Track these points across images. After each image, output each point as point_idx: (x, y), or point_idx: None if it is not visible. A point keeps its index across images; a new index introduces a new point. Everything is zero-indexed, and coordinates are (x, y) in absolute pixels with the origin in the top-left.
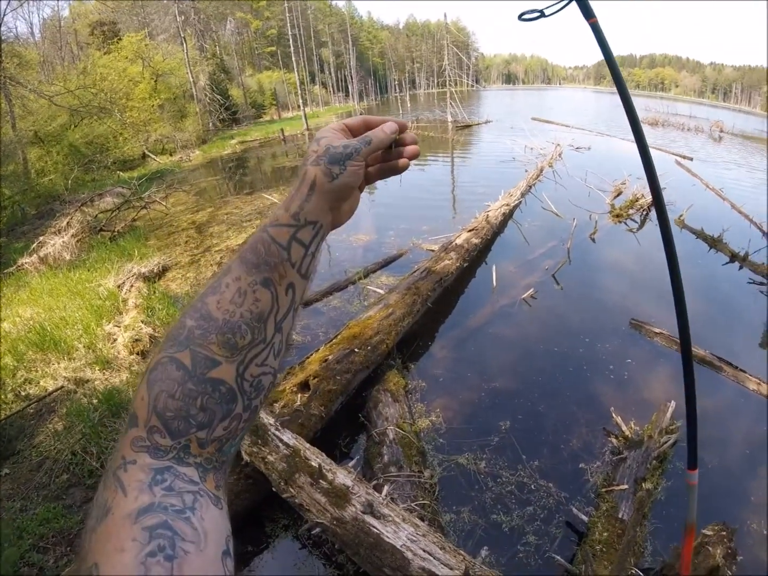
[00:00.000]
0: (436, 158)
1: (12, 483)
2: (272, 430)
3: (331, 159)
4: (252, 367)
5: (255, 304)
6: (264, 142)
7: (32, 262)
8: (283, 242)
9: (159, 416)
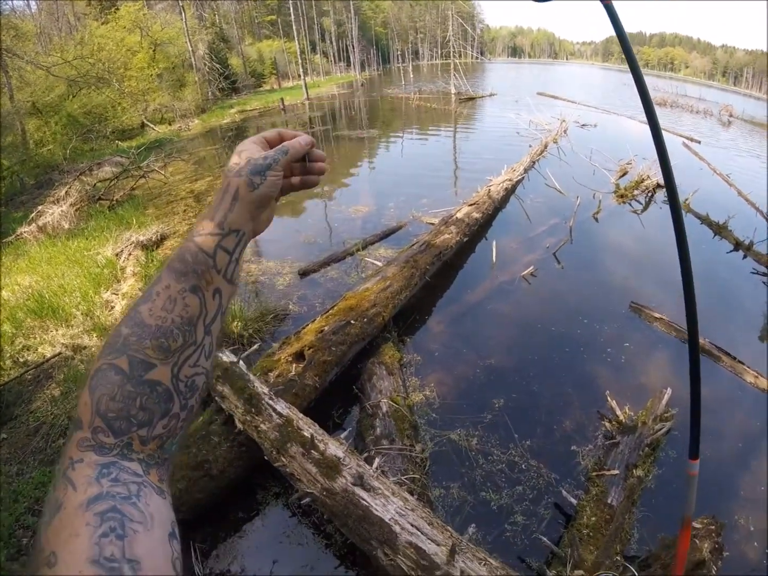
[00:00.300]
0: (438, 131)
1: (9, 447)
2: (266, 400)
3: (253, 170)
4: (185, 368)
5: (185, 309)
6: (264, 111)
7: (31, 231)
8: (209, 250)
9: (102, 417)
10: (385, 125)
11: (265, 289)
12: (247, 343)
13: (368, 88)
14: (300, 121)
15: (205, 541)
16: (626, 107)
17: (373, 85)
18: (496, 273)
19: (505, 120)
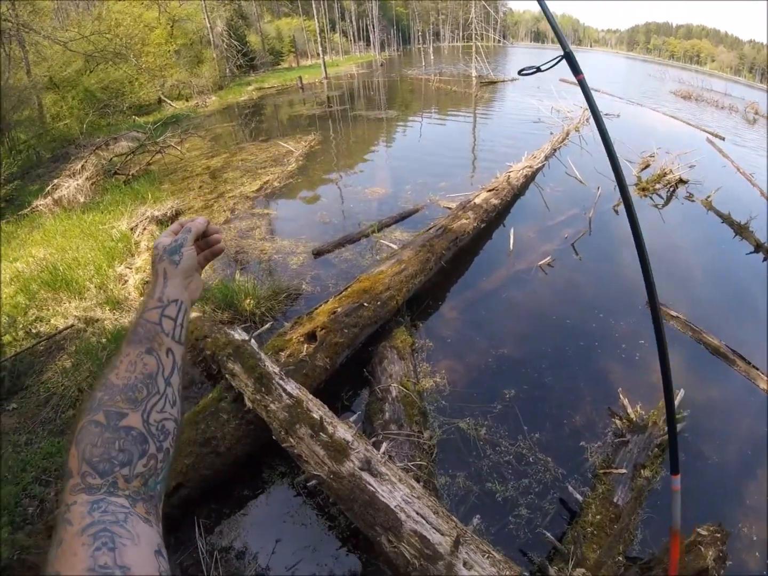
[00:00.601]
0: (458, 114)
1: (19, 417)
2: (276, 379)
3: (170, 252)
4: (154, 414)
5: (144, 367)
6: (281, 89)
7: (46, 204)
8: (156, 320)
9: (88, 462)
10: (404, 107)
11: (279, 267)
12: (259, 321)
13: (387, 69)
14: (318, 99)
15: (209, 517)
16: (650, 98)
17: (393, 66)
18: (512, 261)
19: (526, 105)
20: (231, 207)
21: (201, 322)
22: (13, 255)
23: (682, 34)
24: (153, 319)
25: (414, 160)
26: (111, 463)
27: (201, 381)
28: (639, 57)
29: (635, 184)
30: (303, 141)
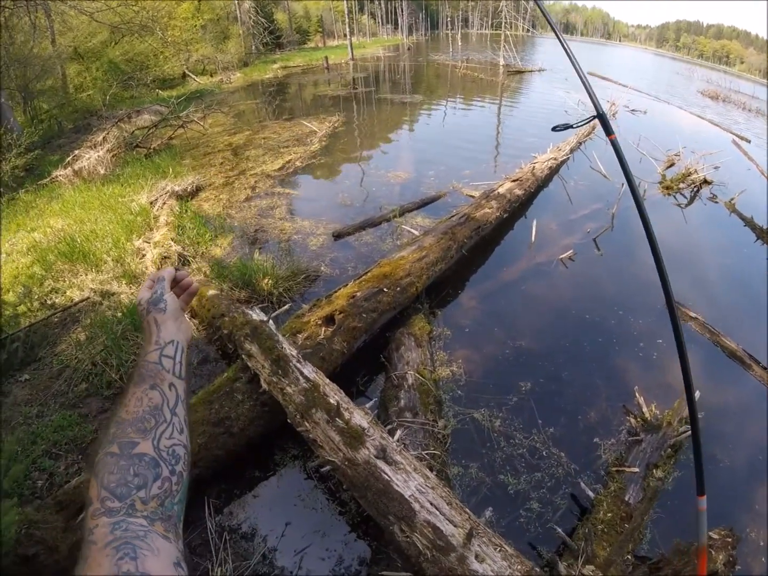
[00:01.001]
0: (483, 102)
1: (31, 389)
2: (293, 362)
3: (153, 302)
4: (163, 440)
5: (150, 401)
6: (307, 68)
7: (66, 174)
8: (155, 360)
9: (106, 488)
10: (429, 92)
11: (298, 248)
12: (276, 302)
13: (414, 53)
14: (343, 81)
15: (219, 497)
16: (678, 97)
17: (420, 50)
18: (533, 253)
19: (554, 97)
20: (252, 185)
21: (218, 300)
22: (31, 225)
23: (713, 34)
24: (153, 359)
25: (438, 146)
26: (128, 487)
27: (215, 359)
28: (668, 54)
29: (659, 182)
30: (327, 121)
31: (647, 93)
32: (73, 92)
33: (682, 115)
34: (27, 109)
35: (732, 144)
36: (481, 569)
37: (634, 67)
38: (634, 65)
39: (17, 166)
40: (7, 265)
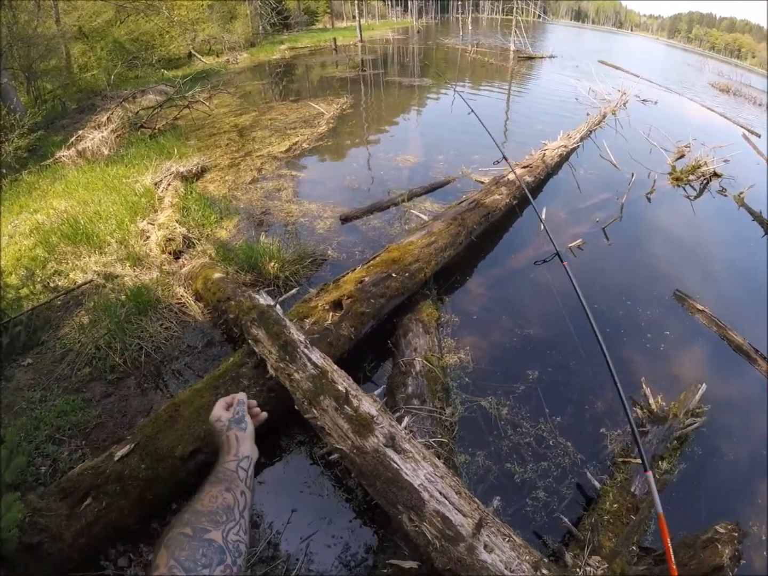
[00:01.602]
0: (492, 88)
1: (34, 373)
2: (301, 348)
3: (236, 421)
4: (231, 535)
5: (224, 500)
6: (314, 49)
7: (70, 155)
8: (233, 468)
9: (176, 559)
10: (438, 76)
11: (305, 231)
12: (282, 286)
13: (424, 36)
14: (351, 63)
15: None
16: (688, 88)
17: (429, 34)
18: (542, 241)
19: (564, 84)
20: (258, 167)
21: (224, 283)
22: (34, 206)
23: (725, 27)
24: (231, 468)
25: (447, 130)
26: (195, 563)
27: (221, 342)
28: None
29: (669, 173)
30: (334, 103)
31: (658, 83)
32: (78, 72)
33: (692, 107)
34: (30, 89)
35: (742, 138)
36: (490, 559)
37: (646, 57)
38: (645, 55)
39: (20, 146)
40: (10, 247)
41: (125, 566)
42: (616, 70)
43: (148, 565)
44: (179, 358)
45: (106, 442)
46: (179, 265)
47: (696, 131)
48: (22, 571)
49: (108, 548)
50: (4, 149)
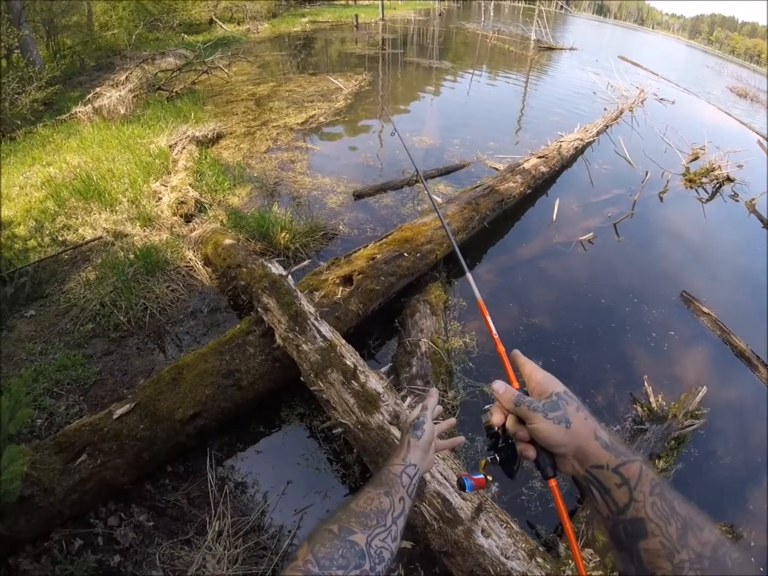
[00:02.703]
0: (509, 76)
1: (36, 325)
2: (311, 320)
3: (414, 426)
4: (376, 540)
5: (380, 504)
6: (335, 25)
7: (86, 111)
8: (397, 473)
9: (313, 555)
10: (457, 59)
11: (317, 204)
12: (292, 257)
13: (445, 19)
14: (371, 40)
15: (222, 449)
16: (707, 91)
17: (451, 17)
18: (553, 232)
19: (583, 77)
20: (274, 137)
21: (235, 249)
22: (47, 159)
23: (747, 32)
24: (396, 472)
25: (463, 114)
26: (331, 561)
27: (226, 308)
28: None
29: (683, 174)
30: (353, 80)
31: (677, 84)
32: (98, 30)
33: (709, 110)
34: (50, 43)
35: (757, 144)
36: (487, 544)
37: (666, 56)
38: (665, 54)
39: (37, 99)
40: (20, 198)
41: (115, 525)
42: (635, 67)
43: (138, 525)
44: (183, 321)
45: (105, 399)
46: (190, 228)
47: (712, 134)
48: (10, 523)
49: (99, 506)
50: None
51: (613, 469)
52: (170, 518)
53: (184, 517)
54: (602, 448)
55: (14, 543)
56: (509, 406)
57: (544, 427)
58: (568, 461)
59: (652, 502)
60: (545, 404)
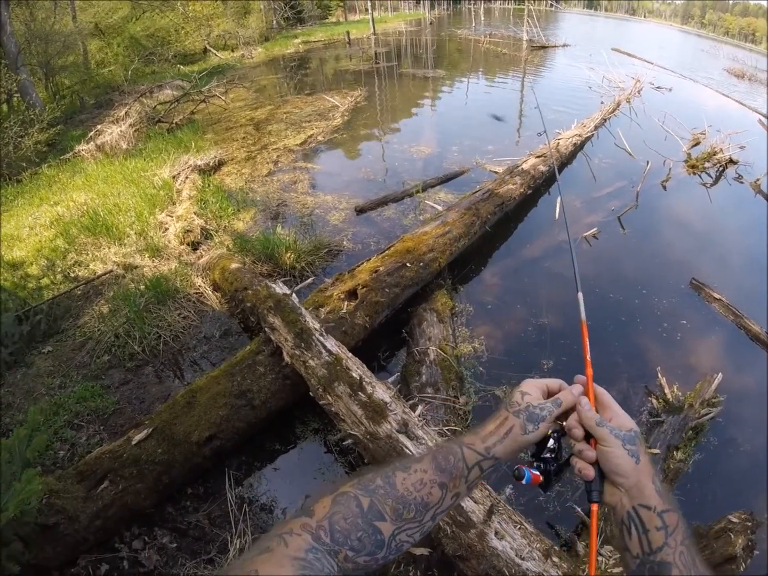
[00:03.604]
0: (506, 78)
1: (54, 360)
2: (316, 335)
3: (529, 417)
4: (402, 535)
5: (428, 495)
6: (328, 43)
7: (89, 149)
8: (470, 464)
9: (330, 524)
10: (452, 66)
11: (320, 222)
12: (298, 276)
13: (437, 27)
14: (365, 55)
15: (239, 469)
16: (702, 74)
17: (442, 25)
18: (556, 230)
19: (578, 73)
20: (274, 159)
21: (241, 273)
22: (54, 198)
23: (738, 11)
24: (469, 461)
25: (461, 121)
26: (345, 539)
27: (237, 332)
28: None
29: (685, 161)
30: (348, 96)
31: (672, 70)
32: (95, 68)
33: (707, 94)
34: (49, 84)
35: (758, 123)
36: (501, 546)
37: (659, 43)
38: (659, 42)
39: (40, 140)
40: (31, 238)
41: (139, 548)
42: (629, 57)
43: (162, 547)
44: (197, 347)
45: (124, 427)
46: (197, 256)
47: (711, 118)
48: (37, 551)
49: (123, 531)
50: (23, 143)
51: (659, 513)
52: (192, 539)
53: (206, 537)
54: (655, 491)
55: (42, 571)
56: (590, 423)
57: (619, 453)
58: (618, 493)
59: (680, 551)
60: (625, 435)
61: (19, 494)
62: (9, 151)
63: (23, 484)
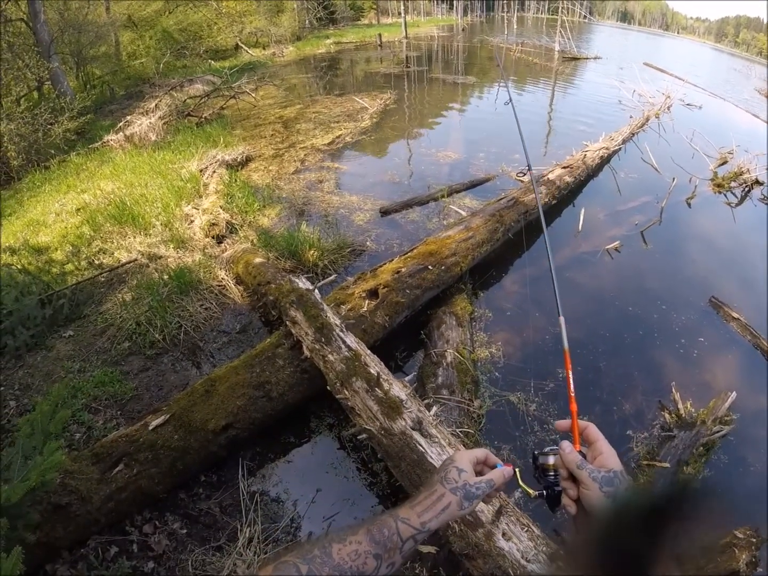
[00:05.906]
0: (536, 87)
1: (74, 345)
2: (337, 331)
3: (466, 495)
4: None
5: (363, 565)
6: (360, 45)
7: (118, 139)
8: (404, 537)
9: None
10: (482, 74)
11: (344, 222)
12: (321, 274)
13: (468, 34)
14: (396, 59)
15: (253, 459)
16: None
17: (474, 32)
18: (579, 241)
19: (608, 86)
20: (301, 158)
21: (264, 267)
22: (81, 186)
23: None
24: (404, 535)
25: (489, 128)
26: None
27: (258, 326)
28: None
29: (711, 179)
30: (378, 98)
31: (703, 88)
32: (126, 60)
33: (737, 113)
34: (80, 74)
35: None
36: (507, 547)
37: (692, 60)
38: (691, 59)
39: (69, 129)
40: (57, 224)
41: (150, 533)
42: (661, 73)
43: (172, 533)
44: (217, 338)
45: (141, 413)
46: (221, 249)
47: (740, 137)
48: (48, 530)
49: (134, 515)
50: (53, 131)
51: None
52: (203, 526)
53: (216, 525)
54: None
55: (52, 550)
56: (572, 467)
57: (595, 496)
58: None
59: None
60: (603, 477)
61: (41, 465)
62: (38, 137)
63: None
